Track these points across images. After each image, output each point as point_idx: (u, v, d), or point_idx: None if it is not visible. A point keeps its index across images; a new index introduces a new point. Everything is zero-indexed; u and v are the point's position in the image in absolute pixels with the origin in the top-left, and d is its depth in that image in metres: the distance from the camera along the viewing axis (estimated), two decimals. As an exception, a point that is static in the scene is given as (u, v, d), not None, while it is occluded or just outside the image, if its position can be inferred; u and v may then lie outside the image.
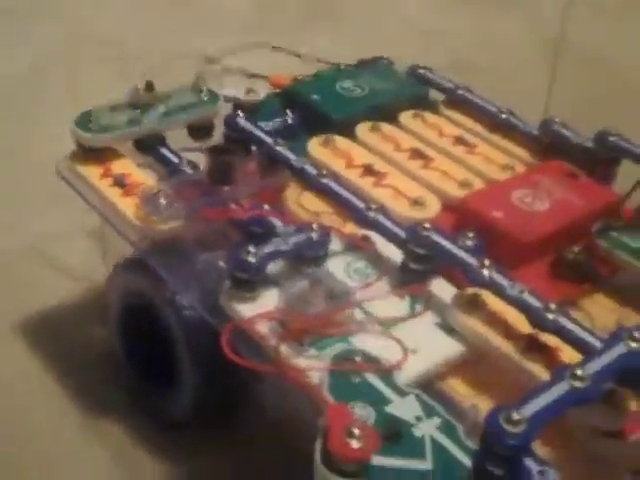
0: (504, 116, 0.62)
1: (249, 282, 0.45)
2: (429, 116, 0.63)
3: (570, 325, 0.41)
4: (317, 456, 0.35)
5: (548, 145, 0.59)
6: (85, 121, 0.56)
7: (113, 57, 0.94)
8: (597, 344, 0.40)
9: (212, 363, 0.51)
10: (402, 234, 0.48)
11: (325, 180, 0.53)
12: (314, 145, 0.58)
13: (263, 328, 0.43)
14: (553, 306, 0.42)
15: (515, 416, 0.34)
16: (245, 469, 0.55)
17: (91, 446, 0.57)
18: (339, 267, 0.48)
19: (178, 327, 0.53)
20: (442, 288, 0.47)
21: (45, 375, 0.62)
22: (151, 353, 0.57)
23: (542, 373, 0.41)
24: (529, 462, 0.34)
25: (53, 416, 0.59)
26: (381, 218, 0.49)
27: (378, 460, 0.36)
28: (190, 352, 0.53)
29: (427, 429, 0.38)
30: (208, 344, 0.49)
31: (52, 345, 0.64)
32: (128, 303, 0.57)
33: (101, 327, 0.63)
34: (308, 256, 0.47)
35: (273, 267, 0.46)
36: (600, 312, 0.48)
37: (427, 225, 0.47)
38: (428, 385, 0.42)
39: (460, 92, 0.65)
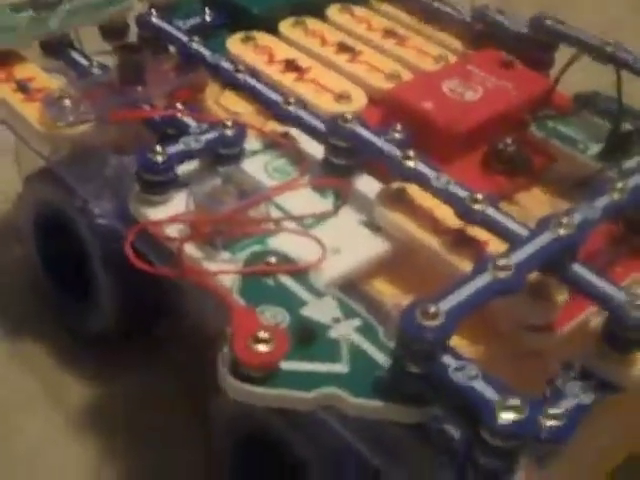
0: (436, 5, 0.59)
1: (158, 184, 0.42)
2: (357, 9, 0.59)
3: (498, 216, 0.39)
4: (221, 363, 0.33)
5: (482, 33, 0.56)
6: (-18, 22, 0.52)
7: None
8: (526, 234, 0.38)
9: (128, 274, 0.48)
10: (322, 127, 0.45)
11: (241, 76, 0.49)
12: (234, 42, 0.55)
13: (171, 231, 0.40)
14: (480, 197, 0.39)
15: (432, 309, 0.31)
16: (171, 384, 0.53)
17: (10, 368, 0.54)
18: (258, 166, 0.45)
19: (92, 238, 0.50)
20: (366, 184, 0.44)
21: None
22: (69, 267, 0.54)
23: (470, 268, 0.38)
24: (447, 358, 0.31)
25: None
26: (300, 112, 0.46)
27: (288, 364, 0.33)
28: (105, 263, 0.50)
29: (344, 331, 0.35)
30: (123, 254, 0.46)
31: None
32: (41, 216, 0.54)
33: (19, 244, 0.59)
34: (223, 155, 0.44)
35: (186, 168, 0.43)
36: (536, 205, 0.45)
37: (348, 116, 0.43)
38: (352, 286, 0.40)
39: (391, -18, 0.61)
